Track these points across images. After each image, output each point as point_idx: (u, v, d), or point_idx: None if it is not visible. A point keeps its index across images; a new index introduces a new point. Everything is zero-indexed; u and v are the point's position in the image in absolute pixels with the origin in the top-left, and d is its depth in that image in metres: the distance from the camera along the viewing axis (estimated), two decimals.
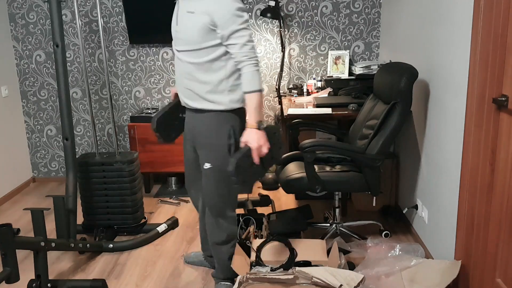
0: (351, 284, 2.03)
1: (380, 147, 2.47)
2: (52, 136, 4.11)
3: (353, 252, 2.62)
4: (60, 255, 2.82)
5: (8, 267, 2.02)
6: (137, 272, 2.62)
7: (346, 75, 3.68)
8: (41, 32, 3.88)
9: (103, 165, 2.89)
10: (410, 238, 2.86)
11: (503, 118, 1.90)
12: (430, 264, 2.26)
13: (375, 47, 3.82)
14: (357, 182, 2.56)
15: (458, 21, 2.15)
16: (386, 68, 2.71)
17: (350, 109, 3.07)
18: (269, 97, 3.96)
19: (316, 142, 2.48)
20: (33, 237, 2.20)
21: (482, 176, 2.01)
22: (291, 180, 2.57)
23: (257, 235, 2.82)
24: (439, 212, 2.43)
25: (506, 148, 1.87)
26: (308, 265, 2.32)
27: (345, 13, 3.76)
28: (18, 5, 3.84)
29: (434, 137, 2.48)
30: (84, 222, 3.02)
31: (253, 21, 3.80)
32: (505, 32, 1.85)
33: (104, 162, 2.89)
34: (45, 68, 3.96)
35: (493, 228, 1.98)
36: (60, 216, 2.48)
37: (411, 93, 2.45)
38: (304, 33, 3.82)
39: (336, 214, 2.85)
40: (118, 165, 2.89)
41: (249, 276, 2.13)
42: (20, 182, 4.01)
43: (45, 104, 4.03)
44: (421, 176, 2.70)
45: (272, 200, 3.52)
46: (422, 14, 2.67)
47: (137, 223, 3.03)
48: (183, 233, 3.08)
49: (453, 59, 2.21)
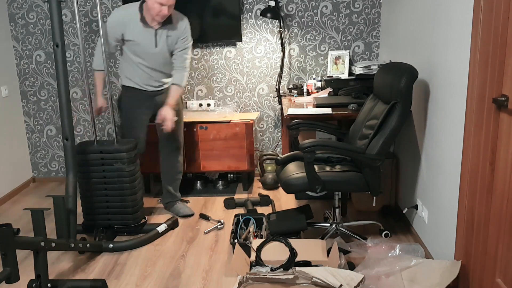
0: (351, 284, 2.03)
1: (380, 147, 2.47)
2: (52, 136, 4.11)
3: (353, 252, 2.61)
4: (60, 255, 2.83)
5: (8, 267, 2.02)
6: (137, 272, 2.62)
7: (346, 75, 3.68)
8: (41, 32, 3.88)
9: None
10: (410, 238, 2.86)
11: (503, 118, 1.90)
12: (430, 264, 2.26)
13: (375, 47, 3.82)
14: (357, 182, 2.56)
15: (458, 21, 2.15)
16: (386, 68, 2.71)
17: (350, 109, 3.07)
18: (269, 97, 3.96)
19: (316, 142, 2.48)
20: (33, 237, 2.20)
21: (482, 176, 2.01)
22: (291, 180, 2.57)
23: (257, 235, 2.82)
24: (439, 212, 2.43)
25: (506, 148, 1.87)
26: (308, 265, 2.32)
27: (345, 13, 3.76)
28: (18, 5, 3.84)
29: (434, 137, 2.48)
30: (84, 222, 3.02)
31: (253, 21, 3.80)
32: (505, 32, 1.85)
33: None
34: (45, 68, 3.96)
35: (493, 228, 1.98)
36: (60, 216, 2.48)
37: (411, 93, 2.45)
38: (304, 33, 3.82)
39: (336, 214, 2.85)
40: (118, 165, 2.89)
41: (249, 276, 2.13)
42: (20, 182, 4.01)
43: (45, 104, 4.03)
44: (421, 176, 2.70)
45: (272, 200, 3.53)
46: (422, 14, 2.67)
47: (137, 223, 3.03)
48: (183, 233, 3.08)
49: (453, 59, 2.21)
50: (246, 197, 3.53)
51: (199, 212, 3.43)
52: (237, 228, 2.87)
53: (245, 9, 3.79)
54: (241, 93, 3.97)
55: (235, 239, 2.74)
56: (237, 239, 2.71)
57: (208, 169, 3.75)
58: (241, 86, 3.95)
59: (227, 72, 3.93)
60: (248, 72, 3.92)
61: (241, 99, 3.98)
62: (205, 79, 3.96)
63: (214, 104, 4.00)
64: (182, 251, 2.85)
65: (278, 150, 4.09)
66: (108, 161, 2.89)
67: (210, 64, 3.92)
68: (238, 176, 4.02)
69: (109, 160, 2.88)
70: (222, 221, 3.17)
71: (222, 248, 2.86)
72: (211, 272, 2.59)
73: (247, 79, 3.94)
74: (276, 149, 4.09)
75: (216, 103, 4.01)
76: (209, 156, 3.71)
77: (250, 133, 3.65)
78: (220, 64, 3.92)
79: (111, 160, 2.88)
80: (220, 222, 3.16)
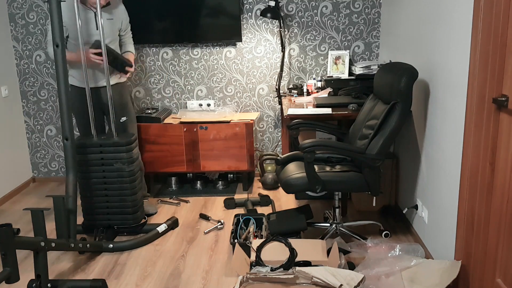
0: (351, 284, 2.03)
1: (380, 147, 2.47)
2: (52, 136, 4.11)
3: (353, 252, 2.61)
4: (60, 255, 2.83)
5: (8, 267, 2.02)
6: (137, 272, 2.62)
7: (346, 75, 3.68)
8: (41, 32, 3.88)
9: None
10: (410, 238, 2.86)
11: (503, 118, 1.90)
12: (430, 264, 2.26)
13: (375, 47, 3.82)
14: (357, 182, 2.56)
15: (458, 21, 2.15)
16: (386, 68, 2.71)
17: (350, 109, 3.07)
18: (269, 97, 3.96)
19: (316, 142, 2.48)
20: (33, 237, 2.20)
21: (482, 176, 2.01)
22: (291, 180, 2.57)
23: (257, 235, 2.82)
24: (439, 212, 2.43)
25: (506, 148, 1.87)
26: (308, 265, 2.32)
27: (345, 13, 3.76)
28: (18, 5, 3.84)
29: (434, 137, 2.48)
30: (84, 222, 3.02)
31: (253, 21, 3.81)
32: (505, 32, 1.85)
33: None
34: (45, 68, 3.96)
35: (493, 228, 1.98)
36: (60, 216, 2.48)
37: (411, 93, 2.45)
38: (304, 33, 3.82)
39: (336, 214, 2.85)
40: (118, 165, 2.88)
41: (249, 276, 2.13)
42: (20, 182, 4.01)
43: (45, 104, 4.03)
44: (421, 176, 2.70)
45: (272, 200, 3.53)
46: (422, 14, 2.67)
47: (137, 223, 3.03)
48: (183, 233, 3.08)
49: (453, 59, 2.21)
50: (246, 197, 3.53)
51: (199, 212, 3.43)
52: (237, 228, 2.87)
53: (245, 9, 3.79)
54: (241, 93, 3.97)
55: (235, 239, 2.74)
56: (237, 239, 2.71)
57: (208, 169, 3.75)
58: (241, 86, 3.96)
59: (227, 72, 3.93)
60: (248, 72, 3.92)
61: (241, 99, 3.98)
62: (205, 79, 3.96)
63: (214, 104, 4.00)
64: (182, 251, 2.85)
65: (278, 150, 4.09)
66: (108, 161, 2.89)
67: (210, 64, 3.92)
68: (238, 176, 4.02)
69: (109, 160, 2.88)
70: (222, 221, 3.17)
71: (222, 248, 2.86)
72: (211, 272, 2.59)
73: (247, 79, 3.94)
74: (276, 149, 4.09)
75: (216, 103, 4.01)
76: (209, 156, 3.71)
77: (250, 133, 3.65)
78: (220, 64, 3.92)
79: (111, 160, 2.88)
80: (220, 222, 3.16)
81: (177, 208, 3.52)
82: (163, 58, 3.91)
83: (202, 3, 3.71)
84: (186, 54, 3.90)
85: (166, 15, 3.74)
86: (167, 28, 3.78)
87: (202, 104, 3.98)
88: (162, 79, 3.97)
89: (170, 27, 3.76)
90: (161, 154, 3.70)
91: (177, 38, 3.79)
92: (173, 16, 3.74)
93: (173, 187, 3.92)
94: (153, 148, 3.68)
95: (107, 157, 2.88)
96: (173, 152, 3.70)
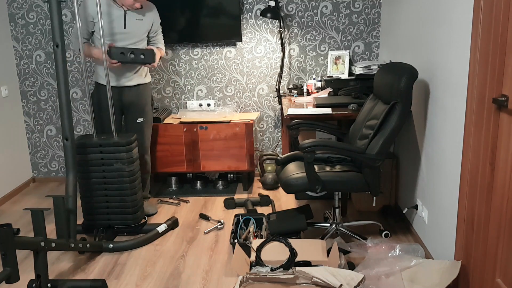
0: (351, 284, 2.03)
1: (380, 147, 2.47)
2: (52, 136, 4.11)
3: (353, 252, 2.61)
4: (60, 255, 2.83)
5: (8, 267, 2.02)
6: (137, 272, 2.62)
7: (346, 75, 3.68)
8: (41, 32, 3.88)
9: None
10: (410, 238, 2.86)
11: (503, 118, 1.90)
12: (430, 264, 2.26)
13: (375, 47, 3.82)
14: (357, 182, 2.56)
15: (458, 21, 2.15)
16: (386, 68, 2.71)
17: (350, 109, 3.07)
18: (269, 97, 3.96)
19: (316, 142, 2.48)
20: (33, 237, 2.20)
21: (482, 176, 2.01)
22: (291, 180, 2.57)
23: (257, 235, 2.82)
24: (439, 212, 2.43)
25: (506, 148, 1.87)
26: (308, 265, 2.32)
27: (345, 13, 3.76)
28: (18, 5, 3.84)
29: (434, 137, 2.48)
30: (84, 222, 3.02)
31: (253, 21, 3.81)
32: (505, 32, 1.85)
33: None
34: (45, 68, 3.96)
35: (493, 228, 1.98)
36: (60, 216, 2.48)
37: (411, 93, 2.45)
38: (304, 33, 3.82)
39: (336, 214, 2.85)
40: (118, 165, 2.88)
41: (249, 276, 2.13)
42: (20, 182, 4.01)
43: (45, 104, 4.03)
44: (421, 176, 2.70)
45: (272, 200, 3.53)
46: (422, 14, 2.67)
47: (137, 223, 3.03)
48: (183, 233, 3.08)
49: (453, 59, 2.21)
50: (246, 197, 3.53)
51: (199, 212, 3.43)
52: (237, 228, 2.87)
53: (245, 9, 3.79)
54: (241, 93, 3.97)
55: (235, 239, 2.74)
56: (237, 239, 2.71)
57: (208, 169, 3.75)
58: (241, 86, 3.96)
59: (227, 72, 3.93)
60: (248, 72, 3.92)
61: (241, 99, 3.98)
62: (205, 79, 3.96)
63: (214, 104, 4.00)
64: (182, 251, 2.85)
65: (278, 150, 4.09)
66: (108, 161, 2.89)
67: (210, 64, 3.92)
68: (238, 176, 4.02)
69: (109, 160, 2.89)
70: (222, 221, 3.17)
71: (222, 248, 2.86)
72: (211, 272, 2.59)
73: (247, 79, 3.94)
74: (276, 149, 4.09)
75: (216, 103, 4.01)
76: (209, 156, 3.71)
77: (250, 133, 3.65)
78: (220, 64, 3.92)
79: (111, 160, 2.88)
80: (220, 222, 3.16)
81: (177, 208, 3.52)
82: (163, 58, 3.90)
83: (202, 3, 3.71)
84: (186, 54, 3.91)
85: (166, 15, 3.74)
86: (167, 28, 3.77)
87: (202, 104, 3.98)
88: (162, 79, 3.97)
89: (170, 27, 3.76)
90: (161, 154, 3.71)
91: (177, 38, 3.80)
92: (173, 16, 3.74)
93: (173, 187, 3.92)
94: (153, 148, 3.68)
95: (107, 157, 2.88)
96: (173, 152, 3.70)
